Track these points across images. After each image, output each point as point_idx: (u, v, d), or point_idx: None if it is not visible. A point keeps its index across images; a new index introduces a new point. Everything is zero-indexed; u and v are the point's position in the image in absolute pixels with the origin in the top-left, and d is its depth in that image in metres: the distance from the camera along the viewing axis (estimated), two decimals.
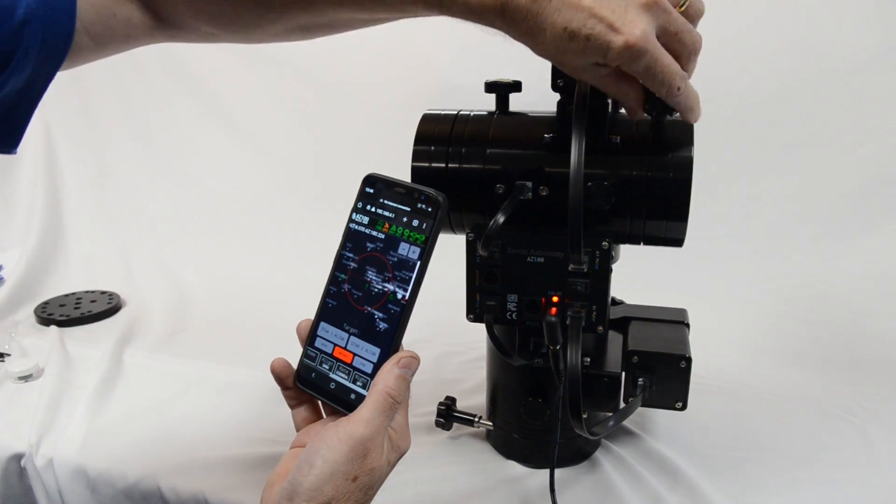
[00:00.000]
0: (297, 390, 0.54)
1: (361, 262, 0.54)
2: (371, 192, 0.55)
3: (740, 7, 1.22)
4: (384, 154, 1.07)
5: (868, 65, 1.20)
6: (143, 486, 0.73)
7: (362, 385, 0.51)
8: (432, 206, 0.52)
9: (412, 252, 0.52)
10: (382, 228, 0.53)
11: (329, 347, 0.53)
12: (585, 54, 0.50)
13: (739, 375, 0.92)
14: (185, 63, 1.51)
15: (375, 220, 0.54)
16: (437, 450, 0.77)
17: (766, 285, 1.18)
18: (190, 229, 1.45)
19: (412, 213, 0.53)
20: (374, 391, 0.49)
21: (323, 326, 0.53)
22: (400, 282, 0.52)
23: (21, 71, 0.49)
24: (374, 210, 0.54)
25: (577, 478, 0.72)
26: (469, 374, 0.94)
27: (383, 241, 0.53)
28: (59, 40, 0.51)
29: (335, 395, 0.52)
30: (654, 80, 0.51)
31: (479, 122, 0.68)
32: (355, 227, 0.55)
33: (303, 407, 0.54)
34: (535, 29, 0.50)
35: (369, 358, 0.51)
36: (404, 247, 0.53)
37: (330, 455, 0.46)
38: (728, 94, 1.22)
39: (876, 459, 0.75)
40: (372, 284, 0.53)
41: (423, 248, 0.52)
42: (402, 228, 0.53)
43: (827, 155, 1.24)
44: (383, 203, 0.54)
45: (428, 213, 0.52)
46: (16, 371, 0.92)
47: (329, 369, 0.52)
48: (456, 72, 1.32)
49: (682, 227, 0.62)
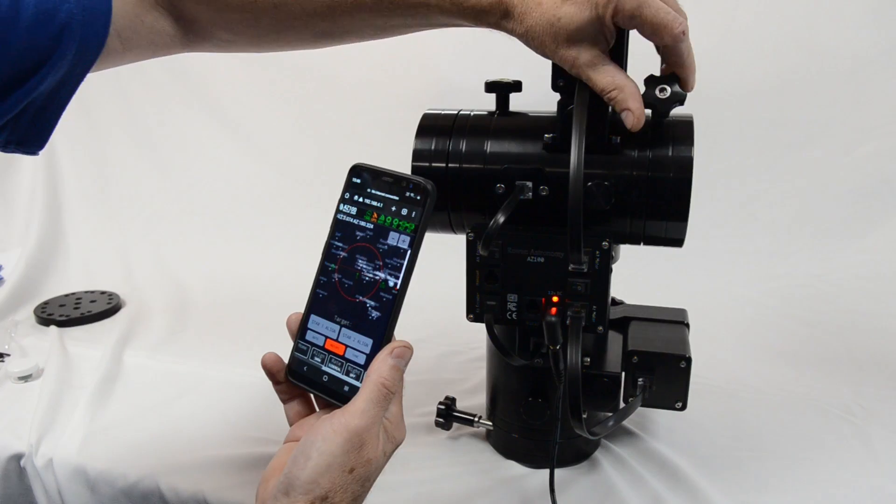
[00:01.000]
0: (289, 385, 0.54)
1: (351, 251, 0.53)
2: (358, 181, 0.54)
3: (740, 7, 1.22)
4: (384, 154, 1.06)
5: (868, 65, 1.20)
6: (143, 486, 0.73)
7: (355, 377, 0.51)
8: (421, 195, 0.51)
9: (402, 241, 0.51)
10: (371, 218, 0.53)
11: (320, 340, 0.53)
12: (579, 7, 0.51)
13: (739, 375, 0.92)
14: (186, 63, 1.51)
15: (363, 211, 0.53)
16: (437, 450, 0.77)
17: (766, 285, 1.18)
18: (190, 229, 1.45)
19: (400, 201, 0.52)
20: (368, 382, 0.49)
21: (314, 319, 0.53)
22: (391, 269, 0.51)
23: (56, 73, 0.50)
24: (362, 200, 0.54)
25: (577, 478, 0.72)
26: (469, 374, 0.94)
27: (372, 230, 0.53)
28: (93, 43, 0.52)
29: (328, 387, 0.52)
30: (654, 22, 0.52)
31: (480, 122, 0.68)
32: (343, 217, 0.54)
33: (295, 401, 0.54)
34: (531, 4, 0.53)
35: (362, 349, 0.51)
36: (394, 236, 0.52)
37: (326, 447, 0.46)
38: (728, 94, 1.22)
39: (876, 459, 0.75)
40: (363, 273, 0.52)
41: (412, 236, 0.51)
42: (390, 217, 0.52)
43: (827, 155, 1.24)
44: (371, 193, 0.53)
45: (416, 202, 0.52)
46: (16, 371, 0.92)
47: (321, 362, 0.52)
48: (456, 72, 1.32)
49: (682, 227, 0.62)
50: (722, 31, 1.22)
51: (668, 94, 0.59)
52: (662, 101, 0.59)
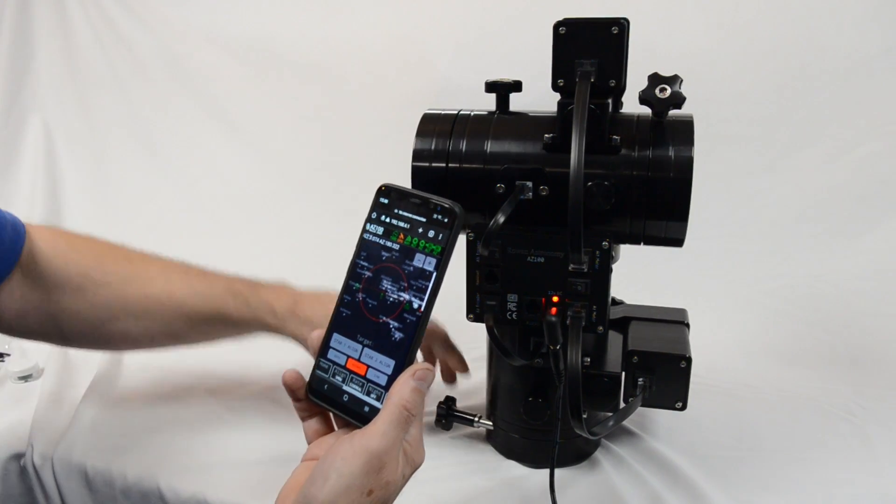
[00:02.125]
0: (309, 402, 0.53)
1: (376, 271, 0.52)
2: (385, 202, 0.54)
3: (740, 6, 1.22)
4: (384, 154, 1.07)
5: (867, 65, 1.20)
6: (142, 486, 0.73)
7: (376, 397, 0.50)
8: (448, 217, 0.51)
9: (428, 263, 0.51)
10: (397, 239, 0.52)
11: (342, 359, 0.52)
12: None
13: (739, 375, 0.92)
14: (186, 63, 1.51)
15: (390, 231, 0.53)
16: (437, 450, 0.77)
17: (766, 285, 1.18)
18: (190, 229, 1.45)
19: (428, 223, 0.52)
20: (389, 404, 0.48)
21: (336, 337, 0.52)
22: (416, 291, 0.51)
23: None
24: (389, 220, 0.53)
25: (577, 478, 0.72)
26: (469, 374, 0.94)
27: (398, 251, 0.52)
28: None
29: (348, 407, 0.51)
30: None
31: (480, 122, 0.68)
32: (370, 237, 0.53)
33: (314, 419, 0.53)
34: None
35: (383, 370, 0.50)
36: (420, 258, 0.51)
37: (345, 468, 0.45)
38: (728, 94, 1.22)
39: (876, 459, 0.75)
40: (387, 294, 0.52)
41: (439, 258, 0.51)
42: (417, 239, 0.52)
43: (826, 155, 1.24)
44: (398, 214, 0.53)
45: (444, 224, 0.51)
46: (16, 371, 0.92)
47: (342, 381, 0.51)
48: (456, 72, 1.32)
49: (682, 227, 0.62)
50: (722, 32, 1.22)
51: (667, 94, 0.59)
52: (661, 101, 0.59)
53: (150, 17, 1.52)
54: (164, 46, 1.52)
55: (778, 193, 1.25)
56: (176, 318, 0.75)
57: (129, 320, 0.73)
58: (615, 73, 0.61)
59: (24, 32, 1.54)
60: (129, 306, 0.73)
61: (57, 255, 0.70)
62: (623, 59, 0.60)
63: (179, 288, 0.75)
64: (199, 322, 0.76)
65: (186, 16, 1.50)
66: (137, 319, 0.73)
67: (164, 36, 1.52)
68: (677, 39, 1.21)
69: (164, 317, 0.74)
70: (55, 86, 1.55)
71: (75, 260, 0.71)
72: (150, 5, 1.52)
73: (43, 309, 0.70)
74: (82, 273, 0.71)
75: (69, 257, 0.71)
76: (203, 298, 0.75)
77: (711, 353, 0.86)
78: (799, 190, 1.25)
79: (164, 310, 0.74)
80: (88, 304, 0.71)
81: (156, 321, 0.74)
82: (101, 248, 0.75)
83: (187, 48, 1.51)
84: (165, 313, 0.74)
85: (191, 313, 0.75)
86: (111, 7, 1.52)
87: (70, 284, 0.70)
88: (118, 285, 0.73)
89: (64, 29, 1.54)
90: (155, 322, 0.74)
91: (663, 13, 1.23)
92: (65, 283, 0.70)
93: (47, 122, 1.51)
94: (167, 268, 0.78)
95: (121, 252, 0.77)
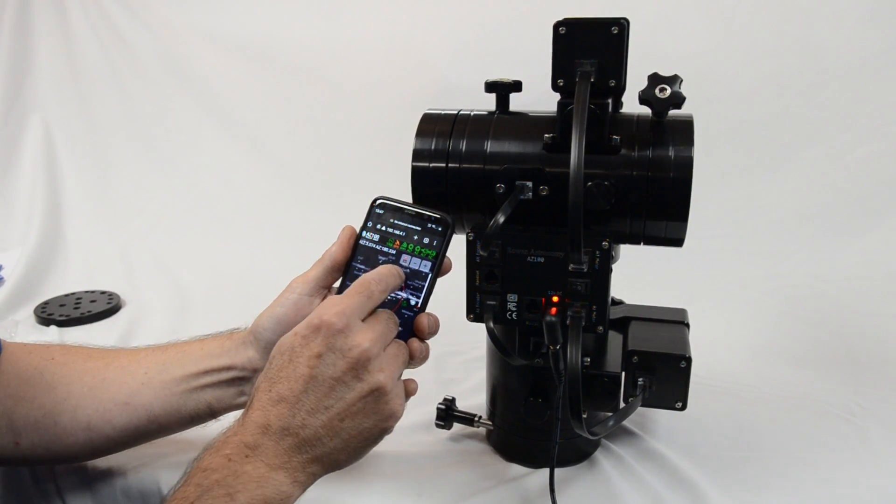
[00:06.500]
0: None
1: None
2: (381, 213, 0.58)
3: (740, 7, 1.22)
4: (384, 154, 1.07)
5: (867, 65, 1.20)
6: (143, 486, 0.73)
7: None
8: (442, 226, 0.57)
9: (423, 266, 0.56)
10: (394, 245, 0.57)
11: None
12: None
13: (739, 375, 0.92)
14: (186, 63, 1.51)
15: (386, 238, 0.57)
16: (437, 450, 0.77)
17: (766, 285, 1.18)
18: (190, 229, 1.45)
19: (422, 231, 0.57)
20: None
21: None
22: (413, 290, 0.56)
23: None
24: (385, 229, 0.58)
25: (577, 478, 0.72)
26: (469, 374, 0.94)
27: (394, 255, 0.56)
28: None
29: None
30: None
31: (480, 122, 0.68)
32: (366, 243, 0.57)
33: None
34: None
35: None
36: (416, 261, 0.57)
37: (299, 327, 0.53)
38: (728, 94, 1.22)
39: (876, 459, 0.75)
40: None
41: (433, 262, 0.56)
42: (412, 245, 0.56)
43: (826, 155, 1.24)
44: (394, 223, 0.57)
45: (438, 232, 0.57)
46: None
47: None
48: (456, 72, 1.32)
49: (682, 227, 0.62)
50: (722, 31, 1.22)
51: (667, 94, 0.59)
52: (660, 101, 0.59)
53: (150, 17, 1.52)
54: (164, 46, 1.52)
55: (778, 193, 1.26)
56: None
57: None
58: (615, 73, 0.61)
59: (24, 32, 1.54)
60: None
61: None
62: (623, 59, 0.60)
63: None
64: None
65: (186, 16, 1.50)
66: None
67: (164, 36, 1.52)
68: (677, 39, 1.21)
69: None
70: (55, 86, 1.55)
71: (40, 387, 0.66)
72: (150, 5, 1.52)
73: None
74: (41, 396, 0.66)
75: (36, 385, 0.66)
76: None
77: (711, 353, 0.86)
78: (799, 190, 1.25)
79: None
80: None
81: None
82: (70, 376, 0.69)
83: (187, 49, 1.51)
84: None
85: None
86: (111, 7, 1.52)
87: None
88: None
89: (64, 29, 1.54)
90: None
91: (663, 13, 1.23)
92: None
93: (47, 122, 1.51)
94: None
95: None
